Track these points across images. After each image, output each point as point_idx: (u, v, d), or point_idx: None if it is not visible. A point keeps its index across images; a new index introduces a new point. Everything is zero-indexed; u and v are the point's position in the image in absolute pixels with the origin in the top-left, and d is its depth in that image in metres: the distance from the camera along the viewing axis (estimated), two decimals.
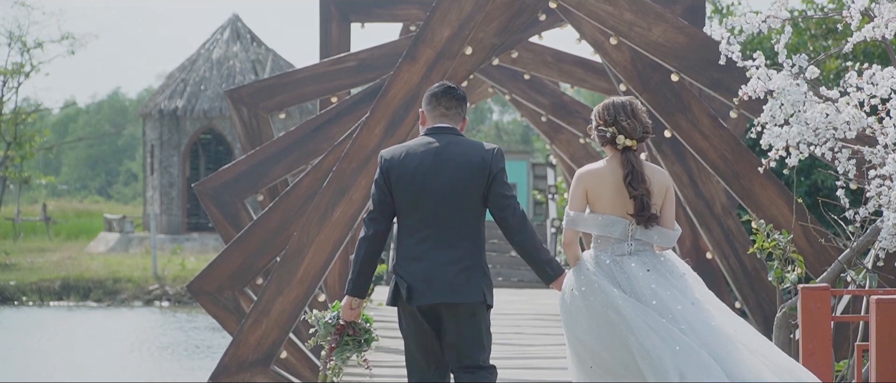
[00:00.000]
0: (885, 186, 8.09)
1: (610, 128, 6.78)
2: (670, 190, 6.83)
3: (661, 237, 6.77)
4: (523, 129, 67.10)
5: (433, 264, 6.67)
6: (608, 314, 6.58)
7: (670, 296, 6.59)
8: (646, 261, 6.72)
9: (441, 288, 6.65)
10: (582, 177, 6.81)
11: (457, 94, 6.89)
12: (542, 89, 16.62)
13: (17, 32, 45.90)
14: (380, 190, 6.76)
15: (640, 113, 6.78)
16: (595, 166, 6.83)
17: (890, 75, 8.05)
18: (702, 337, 6.49)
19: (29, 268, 36.02)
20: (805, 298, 7.52)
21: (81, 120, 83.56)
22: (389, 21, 16.15)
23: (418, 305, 6.69)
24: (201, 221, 41.03)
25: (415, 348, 6.82)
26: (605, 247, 6.78)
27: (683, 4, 13.54)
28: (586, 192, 6.78)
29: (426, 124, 6.90)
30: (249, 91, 14.83)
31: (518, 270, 26.20)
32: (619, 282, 6.67)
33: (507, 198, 6.72)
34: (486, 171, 6.70)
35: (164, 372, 22.50)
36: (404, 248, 6.75)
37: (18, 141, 44.10)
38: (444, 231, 6.69)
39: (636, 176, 6.70)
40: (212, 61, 42.61)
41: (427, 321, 6.74)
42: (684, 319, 6.52)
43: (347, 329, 6.95)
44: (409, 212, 6.73)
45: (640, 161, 6.77)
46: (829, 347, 7.52)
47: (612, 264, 6.72)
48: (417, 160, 6.72)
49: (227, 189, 13.75)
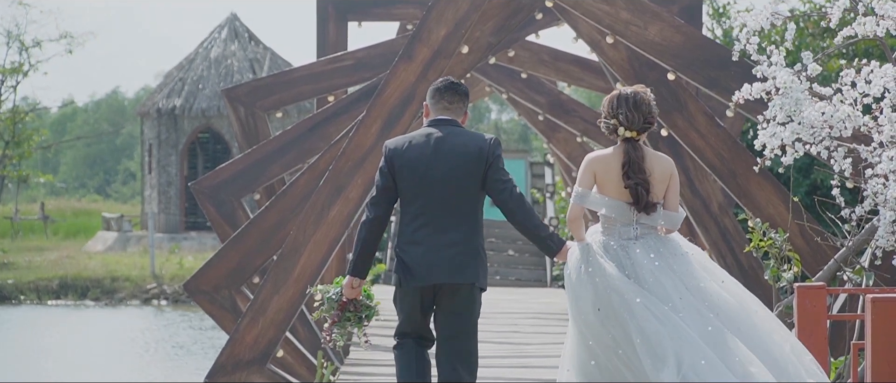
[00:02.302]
0: (881, 185, 8.09)
1: (612, 120, 7.05)
2: (674, 176, 7.08)
3: (666, 220, 7.03)
4: (522, 128, 67.11)
5: (432, 248, 7.08)
6: (611, 296, 6.80)
7: (672, 285, 6.81)
8: (651, 245, 6.96)
9: (440, 270, 7.07)
10: (591, 162, 7.08)
11: (459, 90, 7.29)
12: (540, 88, 16.62)
13: (15, 31, 45.98)
14: (384, 177, 7.16)
15: (643, 104, 7.03)
16: (604, 152, 7.11)
17: (884, 73, 8.05)
18: (700, 326, 6.68)
19: (27, 266, 36.01)
20: (801, 297, 7.52)
21: (80, 119, 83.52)
22: (386, 20, 16.15)
23: (418, 286, 7.12)
24: (199, 220, 41.02)
25: (406, 323, 7.26)
26: (612, 231, 7.03)
27: (681, 4, 13.54)
28: (595, 174, 7.04)
29: (429, 116, 7.30)
30: (246, 90, 14.82)
31: (516, 269, 26.18)
32: (624, 267, 6.90)
33: (504, 181, 7.11)
34: (484, 159, 7.10)
35: (160, 371, 22.50)
36: (406, 233, 7.16)
37: (17, 140, 44.10)
38: (443, 216, 7.10)
39: (632, 166, 6.96)
40: (210, 60, 42.58)
41: (423, 300, 7.18)
42: (684, 307, 6.74)
43: (349, 305, 7.38)
44: (411, 198, 7.13)
45: (642, 151, 7.01)
46: (825, 346, 7.51)
47: (618, 249, 6.96)
48: (419, 150, 7.12)
49: (223, 188, 13.75)
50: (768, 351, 6.72)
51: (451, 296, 7.14)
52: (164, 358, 24.05)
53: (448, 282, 7.10)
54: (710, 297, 6.83)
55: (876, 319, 6.68)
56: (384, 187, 7.15)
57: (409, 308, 7.23)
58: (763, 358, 6.67)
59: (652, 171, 6.99)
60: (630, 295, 6.75)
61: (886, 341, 6.66)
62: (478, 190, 7.12)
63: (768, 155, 8.24)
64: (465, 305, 7.16)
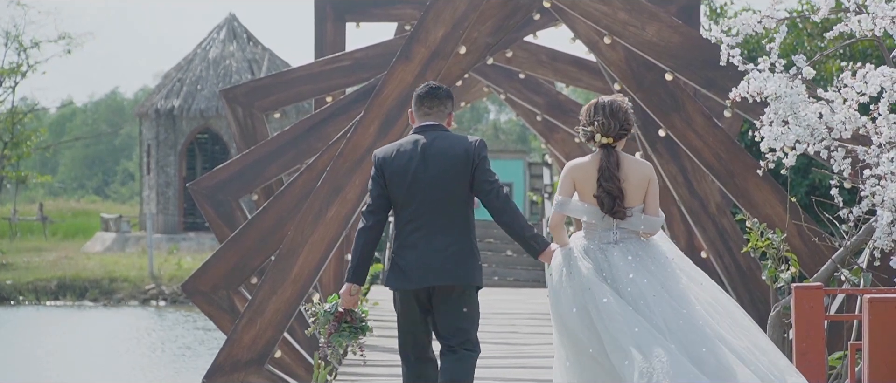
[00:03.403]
0: (879, 186, 8.09)
1: (589, 127, 7.27)
2: (653, 181, 7.23)
3: (645, 224, 7.20)
4: (520, 129, 67.11)
5: (426, 251, 7.29)
6: (585, 295, 6.99)
7: (647, 283, 6.99)
8: (630, 249, 7.14)
9: (435, 273, 7.27)
10: (570, 170, 7.29)
11: (439, 94, 7.50)
12: (538, 88, 16.61)
13: (13, 32, 45.95)
14: (376, 185, 7.39)
15: (619, 111, 7.23)
16: (582, 160, 7.31)
17: (881, 74, 8.05)
18: (672, 327, 6.84)
19: (25, 267, 36.01)
20: (799, 297, 7.52)
21: (78, 119, 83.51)
22: (384, 20, 16.13)
23: (414, 289, 7.32)
24: (198, 221, 41.01)
25: (406, 324, 7.43)
26: (593, 235, 7.22)
27: (678, 4, 13.53)
28: (574, 182, 7.24)
29: (415, 123, 7.53)
30: (244, 90, 14.81)
31: (513, 269, 26.18)
32: (602, 269, 7.08)
33: (491, 183, 7.30)
34: (470, 161, 7.31)
35: (159, 372, 22.50)
36: (400, 237, 7.37)
37: (15, 140, 44.09)
38: (434, 220, 7.31)
39: (603, 173, 7.15)
40: (208, 61, 42.58)
41: (420, 302, 7.36)
42: (658, 309, 6.90)
43: (345, 316, 7.46)
44: (403, 204, 7.34)
45: (617, 157, 7.19)
46: (822, 346, 7.52)
47: (598, 251, 7.15)
48: (407, 156, 7.34)
49: (221, 188, 13.74)
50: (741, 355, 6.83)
51: (447, 297, 7.32)
52: (163, 358, 24.05)
53: (442, 283, 7.29)
54: (687, 301, 6.97)
55: (873, 320, 6.68)
56: (378, 195, 7.38)
57: (407, 311, 7.40)
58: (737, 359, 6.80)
59: (627, 177, 7.17)
60: (599, 294, 6.93)
61: (884, 341, 6.66)
62: (466, 191, 7.32)
63: (771, 158, 8.24)
64: (462, 304, 7.35)
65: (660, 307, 6.89)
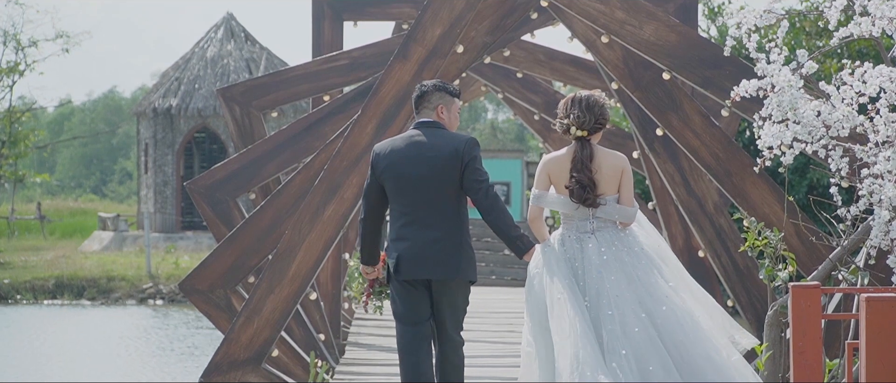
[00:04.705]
0: (876, 185, 8.09)
1: (566, 120, 7.58)
2: (626, 171, 7.53)
3: (620, 214, 7.47)
4: (518, 128, 67.12)
5: (416, 243, 7.60)
6: (551, 291, 7.26)
7: (614, 280, 7.25)
8: (606, 238, 7.42)
9: (427, 266, 7.60)
10: (546, 163, 7.59)
11: (424, 89, 7.81)
12: (535, 87, 16.61)
13: (11, 31, 45.92)
14: (370, 177, 7.78)
15: (595, 106, 7.53)
16: (558, 153, 7.61)
17: (880, 73, 8.04)
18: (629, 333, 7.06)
19: (23, 266, 35.99)
20: (796, 296, 7.51)
21: (76, 118, 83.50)
22: (382, 19, 16.12)
23: (406, 278, 7.65)
24: (195, 220, 41.00)
25: (402, 307, 7.74)
26: (571, 225, 7.51)
27: (676, 3, 13.53)
28: (549, 176, 7.52)
29: (414, 121, 7.89)
30: (242, 89, 14.80)
31: (512, 269, 26.17)
32: (575, 258, 7.37)
33: (479, 182, 7.57)
34: (460, 159, 7.59)
35: (156, 371, 22.48)
36: (394, 230, 7.73)
37: (13, 139, 44.08)
38: (425, 214, 7.61)
39: (577, 164, 7.45)
40: (206, 60, 42.56)
41: (415, 288, 7.69)
42: (617, 306, 7.15)
43: (375, 283, 8.08)
44: (396, 198, 7.68)
45: (591, 149, 7.48)
46: (819, 346, 7.50)
47: (575, 241, 7.44)
48: (400, 152, 7.68)
49: (219, 187, 13.73)
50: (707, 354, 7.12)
51: (440, 290, 7.65)
52: (159, 357, 24.04)
53: (434, 277, 7.62)
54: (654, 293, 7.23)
55: (871, 319, 6.67)
56: (370, 186, 7.77)
57: (404, 293, 7.73)
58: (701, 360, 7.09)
59: (600, 168, 7.44)
60: (557, 291, 7.20)
61: (881, 341, 6.65)
62: (456, 188, 7.61)
63: (768, 156, 8.23)
64: (452, 297, 7.66)
65: (620, 309, 7.13)
